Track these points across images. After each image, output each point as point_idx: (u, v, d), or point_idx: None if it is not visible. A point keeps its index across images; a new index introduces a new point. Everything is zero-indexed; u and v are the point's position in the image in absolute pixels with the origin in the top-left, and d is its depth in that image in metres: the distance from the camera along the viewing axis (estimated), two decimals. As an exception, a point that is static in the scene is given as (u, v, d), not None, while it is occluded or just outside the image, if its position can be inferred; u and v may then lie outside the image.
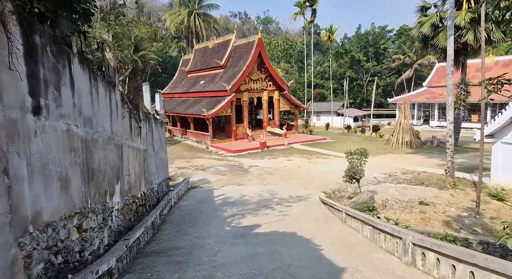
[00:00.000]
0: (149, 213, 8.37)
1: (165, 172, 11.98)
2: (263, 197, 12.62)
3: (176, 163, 21.30)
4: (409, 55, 53.28)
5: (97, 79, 4.81)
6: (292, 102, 30.39)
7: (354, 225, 7.36)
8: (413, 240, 4.64)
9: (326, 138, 29.12)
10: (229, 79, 26.97)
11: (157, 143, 10.71)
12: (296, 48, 67.29)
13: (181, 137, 31.39)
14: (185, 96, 33.17)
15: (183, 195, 13.50)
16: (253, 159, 21.67)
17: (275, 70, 29.12)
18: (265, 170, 18.68)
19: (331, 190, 14.24)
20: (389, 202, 12.62)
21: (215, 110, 25.45)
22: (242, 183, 15.94)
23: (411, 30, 60.82)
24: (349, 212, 7.70)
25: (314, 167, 18.99)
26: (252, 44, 27.22)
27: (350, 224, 7.79)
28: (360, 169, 12.14)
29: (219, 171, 18.87)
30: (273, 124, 29.90)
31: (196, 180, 16.85)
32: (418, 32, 22.83)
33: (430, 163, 19.19)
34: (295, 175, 17.21)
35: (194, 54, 36.03)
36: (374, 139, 29.35)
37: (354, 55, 54.34)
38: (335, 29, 38.93)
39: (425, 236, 4.59)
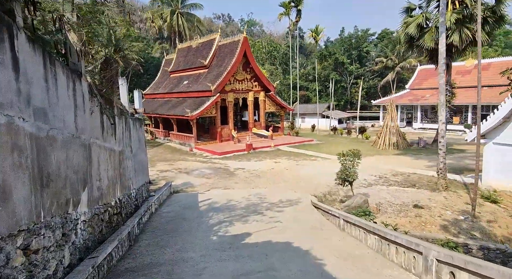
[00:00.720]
0: (125, 222, 7.46)
1: (145, 176, 11.02)
2: (251, 202, 11.85)
3: (158, 166, 20.26)
4: (391, 58, 53.89)
5: (56, 64, 3.94)
6: (278, 103, 29.79)
7: (355, 234, 6.70)
8: (438, 256, 3.92)
9: (312, 139, 28.66)
10: (214, 79, 26.11)
11: (136, 144, 9.78)
12: (281, 50, 67.07)
13: (163, 139, 30.22)
14: (168, 96, 32.03)
15: (165, 201, 12.56)
16: (239, 161, 20.87)
17: (260, 70, 28.47)
18: (252, 172, 17.92)
19: (322, 193, 13.63)
20: (382, 205, 12.11)
21: (199, 111, 24.52)
22: (229, 187, 15.13)
23: (393, 33, 62.06)
24: (348, 219, 7.04)
25: (302, 169, 18.38)
26: (237, 43, 26.48)
27: (349, 232, 7.13)
28: (353, 171, 11.57)
29: (204, 174, 17.99)
30: (259, 125, 29.20)
31: (179, 184, 15.92)
32: (404, 33, 22.66)
33: (418, 164, 18.94)
34: (283, 178, 16.53)
35: (177, 53, 34.94)
36: (361, 140, 29.12)
37: (338, 58, 54.50)
38: (321, 30, 38.76)
39: (454, 252, 3.91)
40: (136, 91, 10.85)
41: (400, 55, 53.25)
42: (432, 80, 40.91)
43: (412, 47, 23.30)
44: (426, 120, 40.51)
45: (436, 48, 21.72)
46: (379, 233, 5.44)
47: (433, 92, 39.34)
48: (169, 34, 41.98)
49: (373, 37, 63.71)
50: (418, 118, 40.96)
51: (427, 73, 42.01)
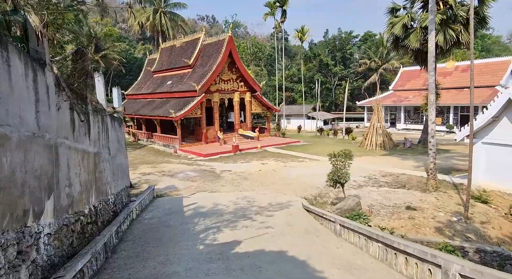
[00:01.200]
0: (101, 232, 6.74)
1: (125, 180, 10.26)
2: (239, 206, 11.27)
3: (140, 169, 19.38)
4: (374, 60, 54.49)
5: (9, 49, 3.27)
6: (264, 103, 29.32)
7: (354, 240, 6.23)
8: (463, 271, 3.41)
9: (299, 141, 28.32)
10: (199, 79, 25.40)
11: (114, 145, 9.04)
12: (266, 51, 66.88)
13: (146, 141, 29.21)
14: (151, 97, 31.04)
15: (147, 206, 11.81)
16: (226, 163, 20.23)
17: (246, 70, 27.94)
18: (239, 174, 17.34)
19: (312, 195, 13.19)
20: (374, 207, 11.77)
21: (184, 112, 23.75)
22: (215, 190, 14.49)
23: (375, 36, 62.88)
24: (345, 224, 6.57)
25: (291, 170, 17.94)
26: (223, 42, 25.88)
27: (346, 238, 6.66)
28: (345, 172, 11.17)
29: (189, 176, 17.26)
30: (245, 126, 28.63)
31: (163, 188, 15.16)
32: (389, 33, 22.63)
33: (406, 165, 18.83)
34: (271, 180, 16.02)
35: (160, 53, 33.98)
36: (347, 141, 29.00)
37: (323, 59, 54.66)
38: (307, 31, 38.62)
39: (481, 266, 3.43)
40: (115, 89, 10.09)
41: (383, 57, 53.95)
42: (415, 81, 41.53)
43: (397, 48, 23.28)
44: (409, 121, 40.99)
45: (421, 48, 21.85)
46: (384, 241, 4.98)
47: (415, 93, 39.88)
48: (152, 33, 40.86)
49: (356, 39, 64.39)
50: (401, 119, 41.40)
51: (410, 75, 42.60)
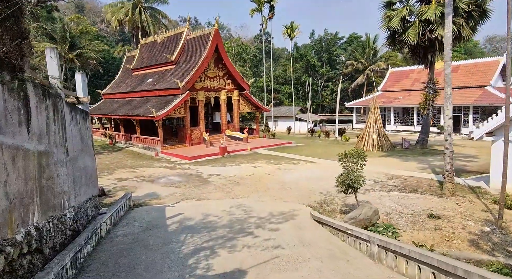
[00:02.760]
0: (48, 263, 4.73)
1: (91, 188, 8.18)
2: (235, 217, 9.40)
3: (116, 174, 17.16)
4: (361, 61, 53.88)
5: None
6: (253, 103, 27.53)
7: (410, 272, 4.49)
8: None
9: (291, 142, 26.68)
10: (182, 75, 23.36)
11: (76, 144, 7.00)
12: (250, 52, 65.33)
13: (125, 143, 26.80)
14: (130, 96, 28.67)
15: (122, 218, 9.75)
16: (213, 167, 18.27)
17: (234, 67, 26.11)
18: (229, 179, 15.43)
19: (317, 202, 11.45)
20: (391, 216, 10.15)
21: (166, 111, 21.63)
22: (203, 197, 12.53)
23: (361, 38, 62.52)
24: (391, 247, 4.82)
25: (287, 174, 16.19)
26: (208, 36, 23.99)
27: (392, 266, 4.92)
28: (358, 175, 9.49)
29: (172, 182, 15.21)
30: (233, 127, 26.73)
31: (142, 195, 13.07)
32: (385, 28, 21.42)
33: (409, 166, 17.44)
34: (267, 185, 14.20)
35: (140, 49, 31.66)
36: (341, 142, 27.59)
37: (310, 60, 53.57)
38: (296, 27, 37.21)
39: None
40: (78, 75, 7.99)
41: (369, 58, 53.41)
42: (404, 82, 40.85)
43: (394, 43, 22.08)
44: (399, 122, 40.20)
45: (419, 43, 20.69)
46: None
47: (405, 94, 39.16)
48: (131, 30, 38.43)
49: (342, 41, 63.88)
50: (391, 120, 40.55)
51: (399, 75, 41.93)
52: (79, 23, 52.83)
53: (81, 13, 68.21)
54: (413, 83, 39.52)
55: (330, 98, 55.76)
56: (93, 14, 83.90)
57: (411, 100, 37.40)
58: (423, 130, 23.39)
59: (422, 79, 39.59)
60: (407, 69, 41.74)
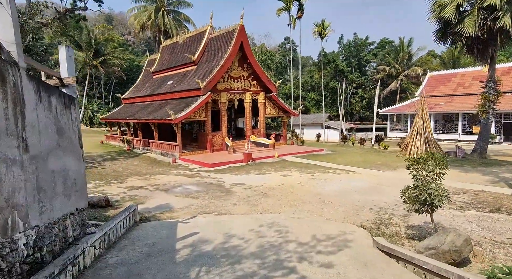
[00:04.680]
0: None
1: (74, 199, 6.02)
2: (266, 240, 6.99)
3: (128, 182, 15.20)
4: (394, 66, 50.60)
5: None
6: (281, 106, 25.20)
7: None
8: None
9: (322, 149, 24.01)
10: (204, 75, 21.48)
11: (46, 137, 4.89)
12: (275, 59, 63.53)
13: (142, 149, 25.12)
14: (149, 99, 27.16)
15: (121, 237, 7.58)
16: (237, 175, 15.97)
17: (260, 66, 24.01)
18: (255, 189, 13.05)
19: (370, 222, 8.82)
20: (480, 243, 7.37)
21: (185, 113, 19.71)
22: (225, 211, 10.20)
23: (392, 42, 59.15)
24: None
25: (324, 184, 13.61)
26: (232, 33, 22.08)
27: None
28: (439, 188, 6.84)
29: (189, 192, 13.02)
30: (258, 132, 24.46)
31: (152, 207, 10.93)
32: (436, 18, 18.65)
33: (474, 179, 14.39)
34: (301, 197, 11.70)
35: (161, 52, 30.34)
36: (380, 151, 24.62)
37: (338, 65, 50.85)
38: (327, 25, 34.82)
39: None
40: (62, 48, 5.97)
41: (403, 63, 50.03)
42: (445, 87, 37.27)
43: (445, 36, 19.21)
44: (440, 130, 36.49)
45: (478, 35, 17.76)
46: None
47: (447, 100, 35.58)
48: (154, 34, 37.51)
49: (372, 46, 60.76)
50: (432, 127, 36.86)
51: (439, 80, 38.39)
52: (105, 31, 53.24)
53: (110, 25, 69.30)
54: (456, 87, 35.93)
55: (360, 106, 52.53)
56: (121, 26, 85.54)
57: (454, 106, 33.83)
58: (482, 137, 20.07)
59: (466, 83, 35.96)
60: (448, 72, 38.22)
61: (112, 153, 24.85)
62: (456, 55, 47.23)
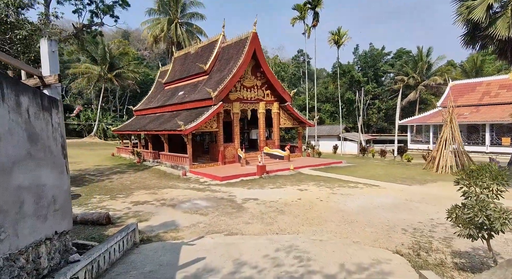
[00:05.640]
0: None
1: (54, 221, 5.00)
2: (284, 270, 5.78)
3: (134, 196, 14.24)
4: (413, 76, 48.98)
5: None
6: (296, 116, 24.08)
7: None
8: None
9: (341, 161, 22.62)
10: (215, 85, 20.69)
11: (8, 146, 3.91)
12: (289, 70, 62.87)
13: (153, 161, 24.34)
14: (160, 111, 26.56)
15: (114, 264, 6.50)
16: (249, 189, 14.81)
17: (274, 75, 23.10)
18: (269, 205, 11.84)
19: (406, 246, 7.47)
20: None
21: (195, 124, 18.83)
22: (236, 231, 9.03)
23: (409, 52, 57.64)
24: None
25: (346, 200, 12.28)
26: (245, 41, 21.33)
27: None
28: (501, 209, 5.51)
29: (197, 207, 11.92)
30: (272, 144, 23.33)
31: (156, 225, 9.87)
32: (464, 21, 17.35)
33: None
34: (321, 214, 10.42)
35: (173, 63, 29.94)
36: (403, 163, 23.02)
37: (354, 75, 49.59)
38: (344, 33, 33.86)
39: None
40: (44, 41, 5.07)
41: (423, 72, 48.34)
42: (470, 96, 35.37)
43: (474, 40, 17.85)
44: (465, 142, 34.43)
45: (511, 37, 16.38)
46: None
47: (472, 110, 33.65)
48: (167, 46, 37.40)
49: (389, 57, 59.39)
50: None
51: (462, 89, 36.55)
52: (120, 46, 53.99)
53: (126, 40, 70.56)
54: (481, 97, 34.03)
55: (377, 117, 50.81)
56: (137, 42, 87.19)
57: (480, 116, 31.89)
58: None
59: (493, 92, 34.04)
60: (473, 81, 36.40)
61: (122, 166, 24.14)
62: (479, 64, 45.30)
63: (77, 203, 13.15)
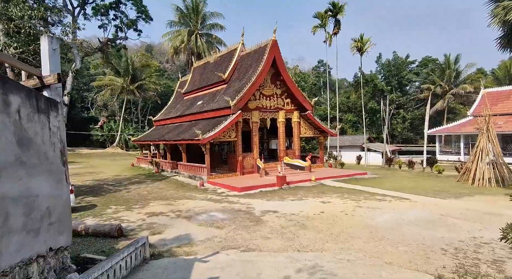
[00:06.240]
0: None
1: (48, 236, 4.46)
2: (308, 299, 4.96)
3: (149, 207, 13.80)
4: (440, 85, 46.97)
5: None
6: (317, 126, 23.22)
7: None
8: None
9: (365, 173, 21.45)
10: (234, 94, 20.29)
11: (3, 151, 3.44)
12: (309, 81, 62.15)
13: (171, 172, 24.06)
14: (179, 121, 26.43)
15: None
16: (269, 201, 14.05)
17: (294, 83, 22.47)
18: (290, 218, 11.04)
19: (451, 270, 6.47)
20: None
21: (213, 133, 18.39)
22: (253, 247, 8.30)
23: (436, 61, 55.55)
24: None
25: (373, 214, 11.29)
26: (264, 49, 20.91)
27: None
28: None
29: (213, 220, 11.29)
30: (292, 154, 22.52)
31: (169, 239, 9.30)
32: (499, 23, 16.21)
33: None
34: (347, 230, 9.52)
35: (192, 73, 29.98)
36: (433, 175, 21.56)
37: (377, 84, 48.14)
38: (367, 40, 32.91)
39: None
40: (45, 38, 4.65)
41: (451, 80, 46.28)
42: (504, 104, 33.25)
43: (510, 43, 16.63)
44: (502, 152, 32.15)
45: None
46: None
47: (507, 119, 31.52)
48: (187, 56, 37.74)
49: (413, 65, 57.47)
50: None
51: (496, 97, 34.46)
52: (142, 58, 55.33)
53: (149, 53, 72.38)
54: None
55: (402, 127, 48.86)
56: (160, 55, 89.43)
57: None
58: None
59: None
60: (508, 89, 34.34)
61: (140, 176, 23.99)
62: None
63: (92, 214, 12.83)
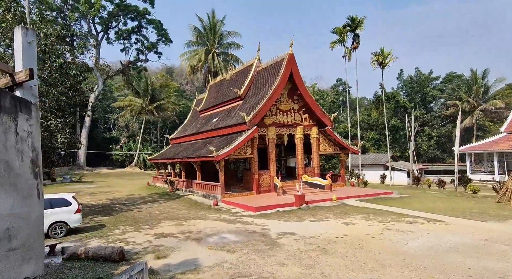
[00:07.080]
0: None
1: (6, 266, 3.64)
2: None
3: (159, 228, 12.95)
4: (467, 100, 44.78)
5: None
6: (337, 142, 22.01)
7: None
8: None
9: (392, 192, 19.86)
10: (250, 109, 19.61)
11: None
12: (328, 99, 61.23)
13: (185, 190, 23.31)
14: (194, 138, 25.93)
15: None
16: (286, 222, 12.89)
17: (312, 97, 21.59)
18: (309, 242, 9.85)
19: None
20: None
21: (228, 150, 17.61)
22: (267, 274, 7.23)
23: (461, 77, 53.46)
24: None
25: (405, 238, 9.92)
26: (281, 63, 20.32)
27: None
28: None
29: (225, 242, 10.26)
30: (311, 172, 21.30)
31: (174, 264, 8.36)
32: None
33: None
34: (376, 256, 8.24)
35: (209, 90, 29.77)
36: (468, 195, 19.68)
37: (399, 101, 46.45)
38: (387, 53, 31.81)
39: None
40: (18, 30, 4.12)
41: (478, 96, 44.05)
42: (540, 119, 30.97)
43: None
44: (538, 172, 29.54)
45: None
46: None
47: (544, 134, 29.20)
48: (204, 75, 37.90)
49: (437, 81, 55.51)
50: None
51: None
52: (162, 79, 56.46)
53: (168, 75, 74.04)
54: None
55: (428, 145, 46.50)
56: (179, 77, 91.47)
57: None
58: None
59: None
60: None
61: (154, 195, 23.35)
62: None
63: (99, 235, 12.11)
